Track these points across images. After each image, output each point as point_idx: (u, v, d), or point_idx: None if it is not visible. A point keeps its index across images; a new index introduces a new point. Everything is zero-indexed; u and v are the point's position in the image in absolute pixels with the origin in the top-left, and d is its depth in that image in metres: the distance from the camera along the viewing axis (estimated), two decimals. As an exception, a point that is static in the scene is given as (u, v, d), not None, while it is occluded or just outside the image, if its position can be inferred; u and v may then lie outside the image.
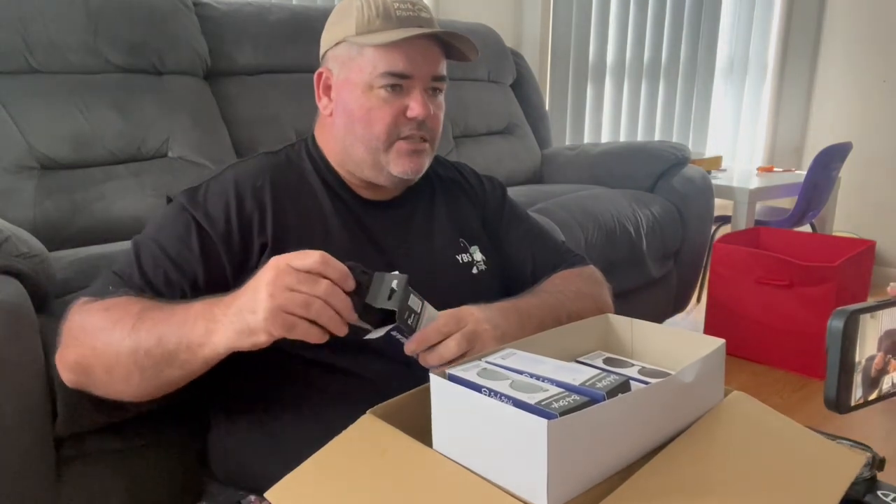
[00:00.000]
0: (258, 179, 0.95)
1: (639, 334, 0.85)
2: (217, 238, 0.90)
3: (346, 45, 0.95)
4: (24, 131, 1.52)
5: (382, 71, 0.92)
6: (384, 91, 0.93)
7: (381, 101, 0.93)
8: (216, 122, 1.85)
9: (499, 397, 0.60)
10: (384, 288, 0.74)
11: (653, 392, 0.63)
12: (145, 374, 0.79)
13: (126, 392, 0.84)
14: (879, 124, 3.64)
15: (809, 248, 2.65)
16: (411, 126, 0.94)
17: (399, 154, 0.95)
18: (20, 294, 1.03)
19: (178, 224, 0.91)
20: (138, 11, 1.75)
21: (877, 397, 0.68)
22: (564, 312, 0.93)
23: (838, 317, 0.63)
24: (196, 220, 0.91)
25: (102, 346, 0.81)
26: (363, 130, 0.94)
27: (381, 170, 0.97)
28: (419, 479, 0.61)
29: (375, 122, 0.93)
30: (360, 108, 0.94)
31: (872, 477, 0.75)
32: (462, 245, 1.05)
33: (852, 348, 0.64)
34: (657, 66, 3.55)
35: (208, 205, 0.92)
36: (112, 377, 0.82)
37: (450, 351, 0.77)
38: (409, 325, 0.76)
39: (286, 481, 0.65)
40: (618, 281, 1.14)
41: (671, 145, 2.53)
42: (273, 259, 0.71)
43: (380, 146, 0.95)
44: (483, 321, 0.82)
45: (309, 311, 0.69)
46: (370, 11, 0.92)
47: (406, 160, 0.96)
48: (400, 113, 0.94)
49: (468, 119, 2.48)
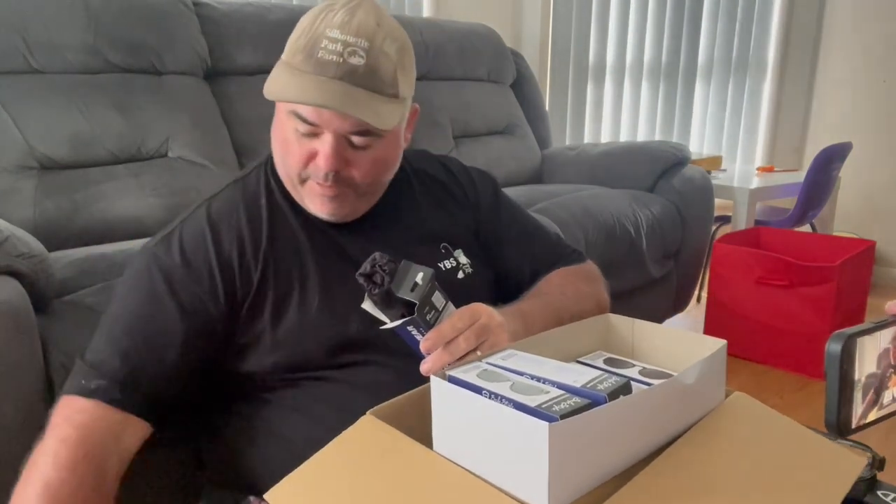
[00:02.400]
0: (231, 212, 0.92)
1: (639, 334, 0.85)
2: (200, 288, 0.87)
3: (279, 64, 0.88)
4: (24, 131, 1.52)
5: (289, 110, 0.85)
6: (295, 131, 0.86)
7: (295, 136, 0.86)
8: (216, 122, 1.84)
9: (499, 399, 0.60)
10: (409, 279, 0.73)
11: (654, 394, 0.63)
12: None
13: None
14: (879, 124, 3.64)
15: (809, 248, 2.65)
16: (319, 173, 0.86)
17: (312, 194, 0.90)
18: (20, 294, 1.03)
19: (148, 288, 0.87)
20: (138, 11, 1.75)
21: (877, 418, 0.68)
22: (568, 315, 0.93)
23: (836, 340, 0.63)
24: (173, 280, 0.87)
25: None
26: (282, 159, 0.90)
27: (302, 201, 0.93)
28: (419, 481, 0.61)
29: (288, 156, 0.88)
30: (280, 134, 0.89)
31: (872, 477, 0.75)
32: (444, 251, 1.01)
33: (851, 371, 0.63)
34: (657, 66, 3.55)
35: (185, 254, 0.88)
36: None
37: (458, 348, 0.76)
38: (427, 321, 0.75)
39: (286, 482, 0.64)
40: (618, 281, 1.14)
41: (671, 145, 2.53)
42: None
43: (295, 180, 0.90)
44: (495, 315, 0.81)
45: None
46: (300, 41, 0.84)
47: (319, 202, 0.90)
48: (310, 157, 0.87)
49: (468, 119, 2.48)
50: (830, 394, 0.63)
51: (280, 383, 0.91)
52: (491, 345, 0.78)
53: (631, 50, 3.41)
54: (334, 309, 0.91)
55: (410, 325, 0.76)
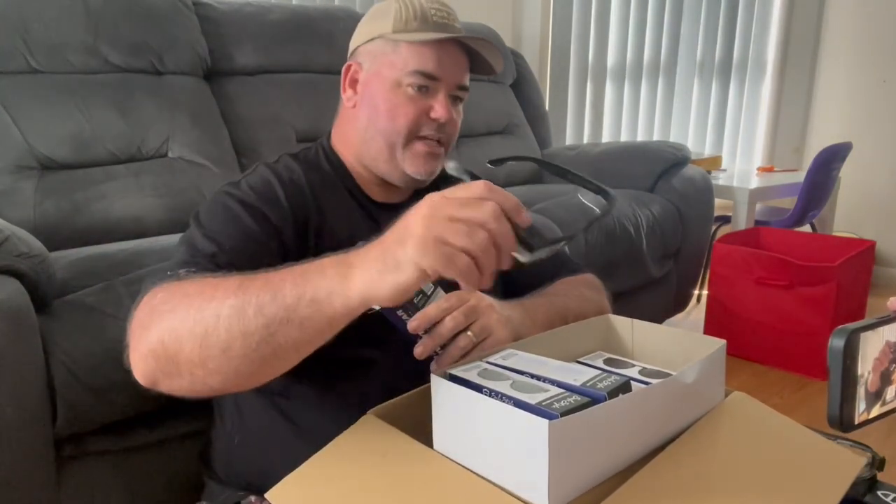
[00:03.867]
0: (293, 173, 0.97)
1: (639, 335, 0.85)
2: (275, 218, 0.89)
3: (382, 41, 0.97)
4: (24, 131, 1.52)
5: (413, 69, 0.95)
6: (411, 90, 0.95)
7: (406, 99, 0.95)
8: (216, 122, 1.85)
9: (499, 398, 0.60)
10: None
11: (654, 392, 0.63)
12: (250, 340, 0.64)
13: (218, 373, 0.67)
14: (879, 124, 3.64)
15: (809, 248, 2.65)
16: (431, 127, 0.97)
17: (415, 154, 0.97)
18: (20, 294, 1.03)
19: (231, 209, 0.88)
20: (138, 11, 1.76)
21: (879, 414, 0.68)
22: (571, 314, 0.93)
23: (839, 336, 0.63)
24: (248, 204, 0.88)
25: (196, 312, 0.66)
26: (386, 124, 0.96)
27: (396, 167, 0.98)
28: (419, 480, 0.61)
29: (399, 117, 0.95)
30: (387, 101, 0.96)
31: (872, 477, 0.75)
32: None
33: (854, 366, 0.63)
34: (657, 66, 3.55)
35: (256, 191, 0.91)
36: (205, 351, 0.66)
37: (446, 328, 0.76)
38: (415, 305, 0.76)
39: (286, 482, 0.65)
40: (618, 281, 1.14)
41: (671, 145, 2.53)
42: (428, 195, 0.61)
43: (400, 141, 0.96)
44: (485, 299, 0.82)
45: (472, 241, 0.57)
46: (408, 13, 0.95)
47: (421, 161, 0.97)
48: (423, 112, 0.96)
49: (468, 119, 2.45)
50: (833, 389, 0.63)
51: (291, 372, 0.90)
52: (481, 327, 0.78)
53: (631, 50, 3.41)
54: None
55: (400, 310, 0.77)
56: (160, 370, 0.70)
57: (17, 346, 1.01)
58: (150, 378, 0.71)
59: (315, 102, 2.03)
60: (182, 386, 0.70)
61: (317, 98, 2.03)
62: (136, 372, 0.72)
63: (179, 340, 0.67)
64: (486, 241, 0.58)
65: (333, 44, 2.10)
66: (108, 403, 1.12)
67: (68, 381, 1.07)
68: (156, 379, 0.71)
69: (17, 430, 1.02)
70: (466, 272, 0.58)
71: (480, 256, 0.58)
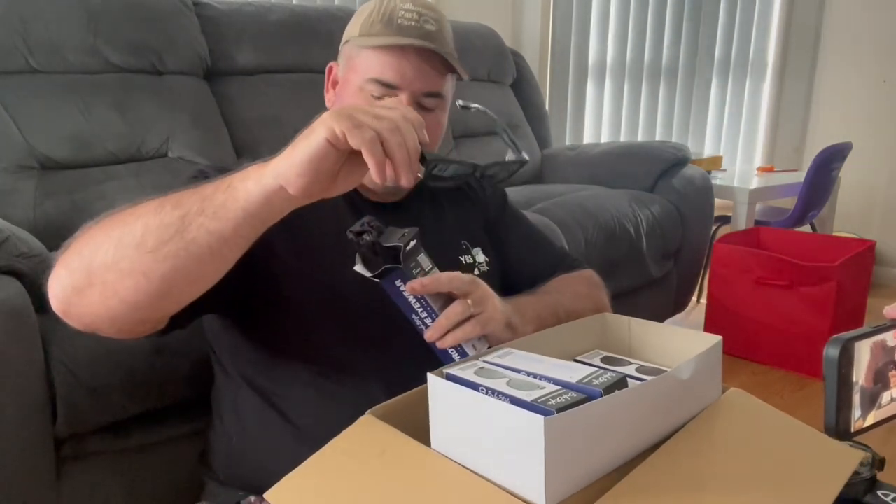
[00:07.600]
0: None
1: (636, 333, 0.85)
2: None
3: (350, 44, 0.97)
4: (24, 131, 1.52)
5: (369, 77, 0.92)
6: (371, 98, 0.93)
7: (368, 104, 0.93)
8: (216, 122, 1.85)
9: (496, 395, 0.60)
10: (395, 235, 0.76)
11: (649, 389, 0.63)
12: (163, 233, 0.64)
13: (129, 275, 0.66)
14: (879, 124, 3.64)
15: (809, 248, 2.65)
16: None
17: None
18: (20, 294, 1.03)
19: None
20: (138, 11, 1.76)
21: (876, 421, 0.68)
22: (563, 311, 0.94)
23: (834, 345, 0.63)
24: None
25: (119, 220, 0.68)
26: None
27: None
28: (418, 479, 0.62)
29: None
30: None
31: (872, 477, 0.75)
32: (465, 247, 1.04)
33: (849, 375, 0.64)
34: (657, 66, 3.55)
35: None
36: (120, 250, 0.66)
37: (454, 312, 0.78)
38: (414, 276, 0.77)
39: (285, 482, 0.65)
40: (618, 281, 1.14)
41: (671, 145, 2.53)
42: None
43: None
44: (485, 285, 0.83)
45: (379, 123, 0.62)
46: (376, 15, 0.93)
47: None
48: None
49: (468, 119, 2.48)
50: (829, 398, 0.63)
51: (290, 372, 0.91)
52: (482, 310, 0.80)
53: (631, 50, 3.41)
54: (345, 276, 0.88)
55: (398, 278, 0.77)
56: (72, 285, 0.69)
57: (17, 346, 1.01)
58: (62, 298, 0.71)
59: (315, 102, 2.01)
60: (92, 303, 0.69)
61: (317, 98, 2.02)
62: (50, 295, 0.72)
63: (97, 245, 0.68)
64: (393, 126, 0.62)
65: (333, 44, 2.07)
66: (108, 403, 1.12)
67: (68, 381, 1.07)
68: (67, 298, 0.70)
69: (16, 430, 1.03)
70: (371, 144, 0.61)
71: (388, 138, 0.62)
